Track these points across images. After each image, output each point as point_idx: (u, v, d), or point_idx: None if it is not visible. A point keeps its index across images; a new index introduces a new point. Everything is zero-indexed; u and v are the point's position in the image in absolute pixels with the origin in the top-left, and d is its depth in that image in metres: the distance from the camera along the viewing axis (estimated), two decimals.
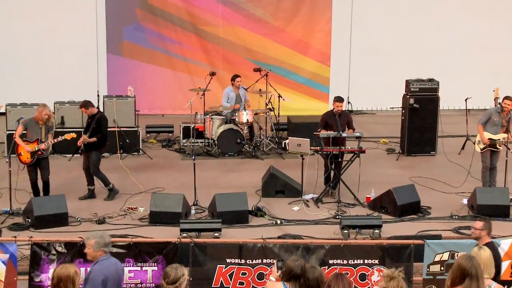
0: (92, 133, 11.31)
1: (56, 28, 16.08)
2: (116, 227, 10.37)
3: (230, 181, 12.42)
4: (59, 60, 16.20)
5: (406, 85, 14.02)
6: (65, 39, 16.09)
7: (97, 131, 11.27)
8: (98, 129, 11.28)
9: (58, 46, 16.11)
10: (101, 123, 11.32)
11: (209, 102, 14.58)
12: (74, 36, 16.15)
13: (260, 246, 8.41)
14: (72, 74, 16.24)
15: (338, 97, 11.60)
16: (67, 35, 16.11)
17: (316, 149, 11.34)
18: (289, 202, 11.41)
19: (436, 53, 16.96)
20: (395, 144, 14.65)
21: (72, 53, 16.24)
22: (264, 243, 8.43)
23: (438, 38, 16.96)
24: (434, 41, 16.96)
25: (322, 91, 16.94)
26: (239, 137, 13.71)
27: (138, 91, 15.34)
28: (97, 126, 11.28)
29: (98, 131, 11.28)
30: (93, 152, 11.43)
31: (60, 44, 16.11)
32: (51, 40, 16.10)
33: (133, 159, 13.65)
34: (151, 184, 12.07)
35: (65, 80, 16.13)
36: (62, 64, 16.22)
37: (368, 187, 11.67)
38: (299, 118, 14.91)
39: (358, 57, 17.03)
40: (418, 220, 10.82)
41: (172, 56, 16.55)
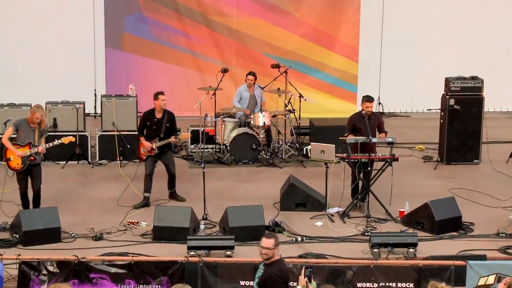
0: (168, 131, 11.62)
1: (47, 19, 16.17)
2: (115, 244, 10.40)
3: (245, 193, 12.42)
4: (51, 56, 16.30)
5: (445, 83, 13.97)
6: (58, 31, 16.19)
7: (173, 128, 11.71)
8: (174, 125, 11.75)
9: (50, 39, 16.21)
10: (174, 118, 11.79)
11: (220, 102, 14.60)
12: (68, 28, 16.24)
13: None
14: (65, 71, 16.32)
15: (367, 96, 11.59)
16: (60, 26, 16.20)
17: (342, 157, 11.32)
18: (312, 217, 11.39)
19: (480, 46, 16.89)
20: (432, 151, 14.59)
21: (65, 48, 16.33)
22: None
23: (482, 30, 16.89)
24: (477, 33, 16.89)
25: (349, 90, 16.91)
26: (254, 143, 13.72)
27: (140, 90, 15.38)
28: (173, 123, 11.72)
29: (174, 128, 11.72)
30: (170, 151, 11.79)
31: (52, 37, 16.21)
32: (42, 33, 16.19)
33: (134, 167, 13.67)
34: (154, 196, 12.09)
35: (58, 78, 16.22)
36: (55, 59, 16.31)
37: (402, 200, 11.62)
38: (323, 121, 14.90)
39: (390, 52, 16.99)
40: (459, 238, 10.76)
41: (179, 51, 16.59)
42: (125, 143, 13.73)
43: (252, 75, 14.25)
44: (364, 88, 16.35)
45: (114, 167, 13.51)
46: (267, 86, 14.63)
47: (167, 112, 11.81)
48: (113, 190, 12.37)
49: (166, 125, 11.71)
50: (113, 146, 13.68)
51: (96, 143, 13.81)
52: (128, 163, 13.71)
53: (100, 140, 13.78)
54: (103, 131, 13.85)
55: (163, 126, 11.69)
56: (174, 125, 11.84)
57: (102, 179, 12.94)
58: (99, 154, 13.80)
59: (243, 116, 14.14)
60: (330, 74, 16.87)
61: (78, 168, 13.49)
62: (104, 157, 13.77)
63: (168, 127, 11.74)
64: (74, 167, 13.51)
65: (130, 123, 13.90)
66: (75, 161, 13.59)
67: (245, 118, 14.07)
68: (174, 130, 11.81)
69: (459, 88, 13.79)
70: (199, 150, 14.23)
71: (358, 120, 11.54)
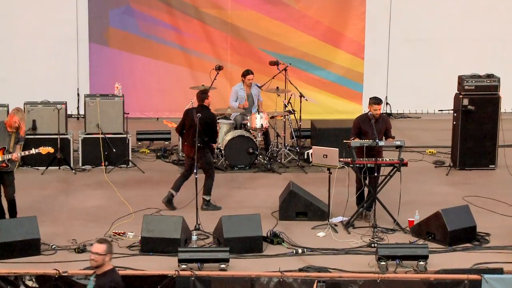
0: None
1: (26, 12, 16.17)
2: None
3: (240, 200, 12.42)
4: (30, 52, 16.30)
5: (458, 82, 13.99)
6: (38, 26, 16.19)
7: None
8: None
9: (29, 34, 16.20)
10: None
11: (214, 103, 14.57)
12: (48, 21, 16.23)
13: (277, 280, 8.40)
14: (46, 69, 16.32)
15: (375, 98, 11.58)
16: (40, 20, 16.20)
17: (346, 161, 11.33)
18: (313, 227, 11.40)
19: (497, 42, 16.92)
20: (444, 155, 14.60)
21: (46, 43, 16.33)
22: (281, 277, 8.43)
23: (499, 24, 16.92)
24: (494, 27, 16.92)
25: (354, 89, 16.93)
26: (251, 146, 13.73)
27: (127, 89, 15.39)
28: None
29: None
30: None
31: (31, 32, 16.21)
32: (20, 27, 16.19)
33: (120, 172, 13.69)
34: (142, 204, 12.10)
35: (38, 76, 16.22)
36: (34, 56, 16.31)
37: (411, 208, 11.63)
38: (326, 123, 14.91)
39: (399, 48, 17.01)
40: (473, 249, 10.77)
41: (169, 46, 16.60)
42: (110, 147, 13.73)
43: (251, 74, 14.27)
44: (371, 87, 16.37)
45: (98, 173, 13.50)
46: (265, 85, 14.64)
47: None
48: (98, 198, 12.36)
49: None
50: (98, 150, 13.68)
51: (79, 146, 13.80)
52: (114, 168, 13.71)
53: (83, 144, 13.78)
54: (86, 133, 13.84)
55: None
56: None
57: (85, 186, 12.94)
58: (82, 159, 13.79)
59: (239, 117, 14.15)
60: (334, 72, 16.89)
61: (59, 174, 13.49)
62: (87, 162, 13.77)
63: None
64: (55, 173, 13.51)
65: (116, 125, 13.90)
66: (56, 167, 13.58)
67: (241, 119, 14.07)
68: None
69: (474, 87, 13.81)
70: None
71: (364, 123, 11.55)
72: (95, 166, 13.73)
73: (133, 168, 13.85)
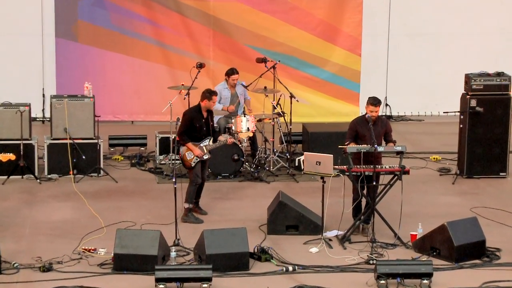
0: (213, 131, 12.25)
1: None
2: (67, 275, 10.33)
3: (224, 213, 12.41)
4: None
5: (465, 81, 14.03)
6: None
7: (214, 128, 12.42)
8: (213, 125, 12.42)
9: None
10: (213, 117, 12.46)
11: (195, 104, 14.58)
12: (10, 14, 16.20)
13: None
14: (7, 67, 16.28)
15: (373, 98, 11.60)
16: (0, 13, 16.15)
17: (342, 169, 11.34)
18: (305, 242, 11.39)
19: (507, 37, 16.97)
20: (450, 162, 14.63)
21: (7, 39, 16.29)
22: None
23: (509, 17, 16.99)
24: (504, 20, 16.99)
25: (350, 89, 16.96)
26: (236, 152, 13.72)
27: (98, 89, 15.35)
28: (213, 122, 12.41)
29: (214, 128, 12.43)
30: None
31: None
32: None
33: (91, 182, 13.65)
34: (115, 217, 12.07)
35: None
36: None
37: (414, 221, 11.64)
38: (319, 127, 14.92)
39: (400, 43, 17.05)
40: (483, 266, 10.78)
41: (145, 42, 16.58)
42: (80, 154, 13.69)
43: (237, 73, 14.26)
44: (368, 87, 16.39)
45: (66, 183, 13.47)
46: (252, 85, 14.64)
47: (208, 110, 12.20)
48: (66, 210, 12.32)
49: (211, 124, 12.24)
50: (66, 157, 13.64)
51: (45, 153, 13.76)
52: (84, 177, 13.67)
53: (49, 150, 13.74)
54: (53, 139, 13.81)
55: (211, 126, 12.19)
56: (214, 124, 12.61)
57: (51, 198, 12.90)
58: (48, 167, 13.75)
59: (222, 121, 14.14)
60: (328, 70, 16.91)
61: (22, 184, 13.44)
62: (54, 171, 13.73)
63: (212, 126, 12.27)
64: (18, 182, 13.46)
65: (86, 129, 13.86)
66: (19, 176, 13.54)
67: (225, 123, 14.06)
68: (215, 130, 12.46)
69: (482, 86, 13.85)
70: (169, 162, 14.20)
71: (361, 126, 11.56)
72: (62, 175, 13.69)
73: (105, 177, 13.81)
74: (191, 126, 11.97)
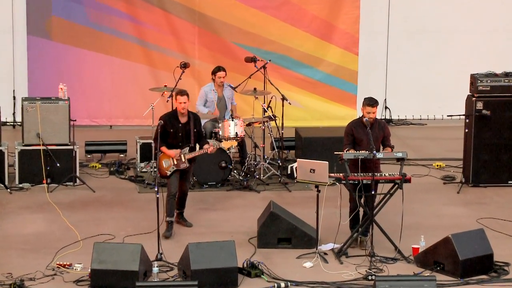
0: (197, 139, 12.00)
1: None
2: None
3: (211, 225, 12.40)
4: None
5: (471, 82, 14.07)
6: None
7: (201, 135, 12.14)
8: (201, 130, 12.19)
9: None
10: (201, 123, 12.26)
11: None
12: None
13: None
14: None
15: (370, 99, 11.61)
16: None
17: (338, 177, 11.33)
18: (299, 256, 11.39)
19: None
20: (455, 169, 14.65)
21: None
22: None
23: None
24: (510, 18, 17.03)
25: (347, 90, 16.99)
26: (223, 159, 13.71)
27: (74, 91, 15.34)
28: (200, 127, 12.14)
29: (201, 133, 12.18)
30: (192, 165, 12.12)
31: None
32: None
33: (66, 192, 13.62)
34: (92, 230, 12.04)
35: None
36: None
37: (416, 233, 11.65)
38: (313, 131, 14.93)
39: (400, 41, 17.09)
40: (490, 282, 10.79)
41: (125, 40, 16.58)
42: (54, 161, 13.67)
43: (223, 71, 14.25)
44: (366, 88, 16.42)
45: (39, 193, 13.43)
46: (240, 86, 14.65)
47: (192, 114, 12.03)
48: (38, 223, 12.28)
49: (194, 131, 11.98)
50: (39, 164, 13.61)
51: (16, 161, 13.73)
52: (58, 187, 13.64)
53: (21, 157, 13.71)
54: (24, 145, 13.78)
55: (192, 132, 11.94)
56: (201, 130, 12.25)
57: (23, 209, 12.86)
58: (20, 176, 13.72)
59: (208, 125, 14.13)
60: (322, 70, 16.95)
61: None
62: (26, 180, 13.70)
63: (196, 132, 12.02)
64: None
65: (61, 135, 13.83)
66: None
67: (211, 127, 14.05)
68: (202, 137, 12.18)
69: (489, 87, 13.88)
70: (151, 169, 14.18)
71: (357, 129, 11.55)
72: (35, 184, 13.66)
73: (81, 187, 13.79)
74: (164, 131, 11.82)
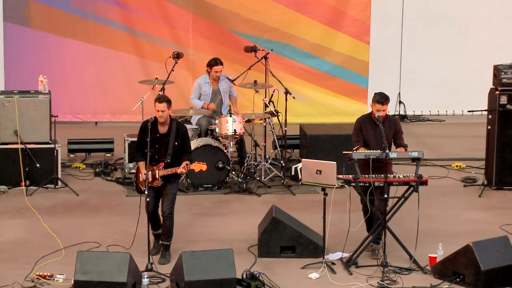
0: (178, 153, 11.31)
1: None
2: None
3: (207, 231, 12.42)
4: None
5: (494, 73, 14.08)
6: None
7: (185, 148, 11.41)
8: (185, 144, 11.44)
9: None
10: (187, 135, 11.50)
11: (172, 102, 14.59)
12: None
13: None
14: None
15: (379, 94, 11.52)
16: None
17: (347, 179, 11.34)
18: (304, 266, 11.40)
19: None
20: (476, 170, 14.67)
21: None
22: None
23: None
24: None
25: (357, 83, 17.00)
26: (221, 159, 13.73)
27: (55, 84, 15.35)
28: (184, 140, 11.40)
29: (185, 148, 11.43)
30: (176, 180, 11.48)
31: None
32: None
33: (47, 195, 13.64)
34: (76, 237, 12.06)
35: None
36: None
37: (433, 240, 11.67)
38: (320, 128, 14.95)
39: (416, 29, 17.09)
40: None
41: (112, 28, 16.59)
42: (33, 161, 13.68)
43: (220, 65, 14.25)
44: (378, 81, 16.45)
45: (17, 196, 13.46)
46: (239, 79, 14.65)
47: (175, 124, 11.39)
48: (16, 229, 12.29)
49: (174, 143, 11.31)
50: (16, 165, 13.63)
51: None
52: (38, 189, 13.66)
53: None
54: (1, 143, 13.79)
55: (170, 145, 11.32)
56: (187, 143, 11.49)
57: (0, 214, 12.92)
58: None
59: (203, 121, 14.15)
60: (330, 61, 16.95)
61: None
62: (2, 182, 13.74)
63: (177, 146, 11.34)
64: None
65: (41, 132, 13.85)
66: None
67: (207, 124, 14.07)
68: (187, 151, 11.45)
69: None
70: None
71: (366, 126, 11.51)
72: (12, 186, 13.69)
73: (63, 189, 13.82)
74: (141, 140, 11.35)
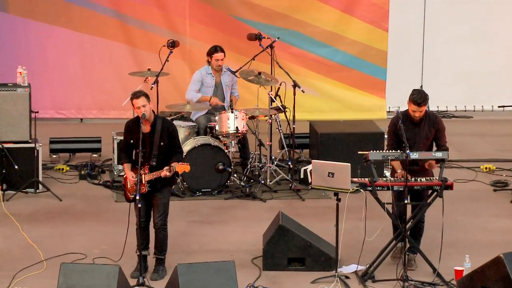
0: (165, 155, 11.18)
1: None
2: None
3: (206, 241, 12.44)
4: None
5: None
6: None
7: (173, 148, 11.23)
8: (174, 144, 11.26)
9: None
10: (174, 133, 11.27)
11: (166, 96, 14.65)
12: None
13: None
14: None
15: (418, 95, 11.20)
16: None
17: (363, 183, 11.35)
18: (314, 280, 11.42)
19: None
20: (508, 173, 14.69)
21: None
22: None
23: None
24: None
25: (375, 75, 17.00)
26: (221, 161, 13.75)
27: (35, 76, 15.37)
28: (171, 140, 11.21)
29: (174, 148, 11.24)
30: (166, 188, 11.32)
31: None
32: None
33: (26, 200, 13.66)
34: (59, 247, 12.08)
35: None
36: None
37: (459, 251, 11.70)
38: (332, 126, 14.95)
39: (440, 14, 17.10)
40: None
41: (100, 13, 16.61)
42: (11, 162, 13.71)
43: (221, 52, 14.25)
44: (398, 73, 16.47)
45: None
46: (242, 69, 14.65)
47: (160, 121, 11.25)
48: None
49: (159, 143, 11.17)
50: None
51: None
52: (17, 194, 13.69)
53: None
54: None
55: (155, 146, 11.20)
56: (176, 142, 11.33)
57: None
58: None
59: (202, 118, 14.16)
60: (344, 50, 16.97)
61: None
62: None
63: (163, 147, 11.19)
64: None
65: (20, 130, 13.87)
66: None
67: (206, 121, 14.08)
68: (177, 151, 11.31)
69: None
70: None
71: (405, 128, 11.32)
72: None
73: (45, 194, 13.85)
74: (125, 142, 11.26)
